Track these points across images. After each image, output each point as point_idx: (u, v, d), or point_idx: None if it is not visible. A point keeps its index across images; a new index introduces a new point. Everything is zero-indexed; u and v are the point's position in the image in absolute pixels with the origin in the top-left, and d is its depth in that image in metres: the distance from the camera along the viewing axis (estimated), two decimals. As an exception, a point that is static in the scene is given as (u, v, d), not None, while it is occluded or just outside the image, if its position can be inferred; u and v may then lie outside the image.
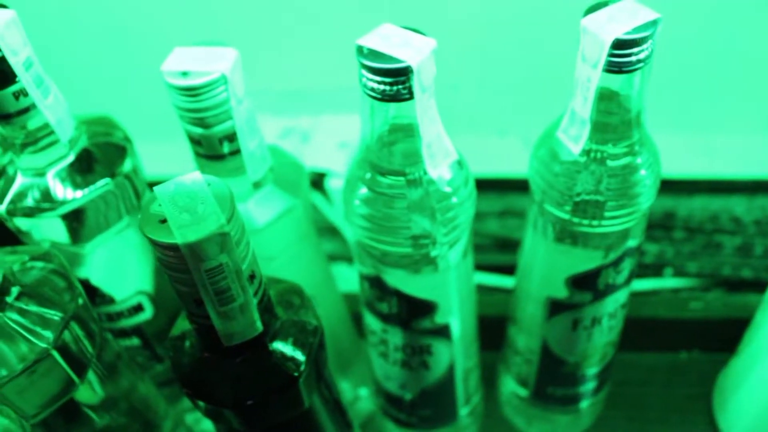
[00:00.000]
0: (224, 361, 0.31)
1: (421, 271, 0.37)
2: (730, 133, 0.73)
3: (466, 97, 0.68)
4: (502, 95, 0.69)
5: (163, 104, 0.54)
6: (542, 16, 0.65)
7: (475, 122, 0.71)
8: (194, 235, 0.26)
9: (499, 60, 0.67)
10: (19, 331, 0.32)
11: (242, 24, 0.67)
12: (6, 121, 0.36)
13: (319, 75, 0.67)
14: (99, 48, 0.70)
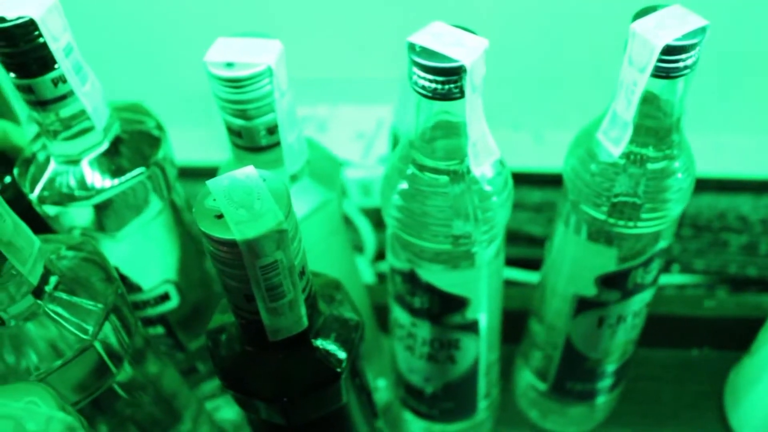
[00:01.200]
0: (267, 355, 0.32)
1: (457, 267, 0.37)
2: (737, 133, 0.74)
3: (496, 88, 0.68)
4: (517, 89, 0.69)
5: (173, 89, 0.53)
6: (559, 11, 0.66)
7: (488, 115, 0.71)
8: (252, 231, 0.26)
9: (516, 54, 0.67)
10: (61, 323, 0.32)
11: (260, 10, 0.66)
12: (43, 107, 0.36)
13: (338, 64, 0.66)
14: (107, 33, 0.69)
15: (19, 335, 0.31)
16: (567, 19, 0.66)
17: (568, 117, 0.73)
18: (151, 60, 0.70)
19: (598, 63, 0.68)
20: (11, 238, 0.29)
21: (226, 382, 0.32)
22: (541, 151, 0.70)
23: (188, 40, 0.70)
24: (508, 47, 0.67)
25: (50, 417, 0.23)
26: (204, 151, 0.64)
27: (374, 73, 0.66)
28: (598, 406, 0.50)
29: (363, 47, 0.66)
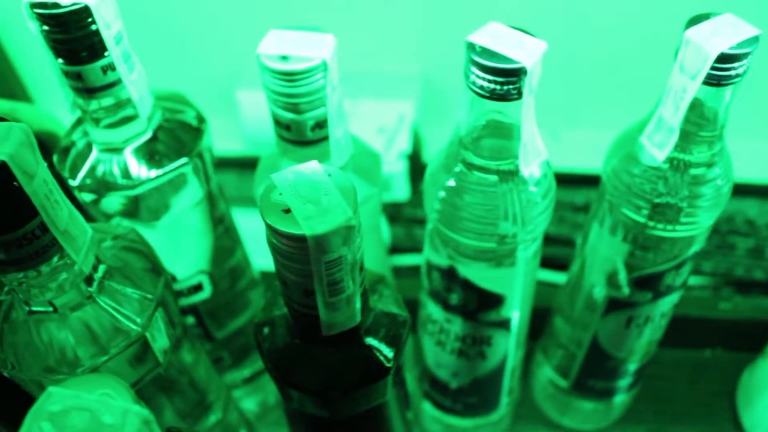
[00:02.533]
0: (318, 349, 0.32)
1: (499, 266, 0.38)
2: (744, 138, 0.76)
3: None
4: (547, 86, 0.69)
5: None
6: (577, 10, 0.66)
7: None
8: (322, 227, 0.26)
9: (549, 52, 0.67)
10: (112, 313, 0.32)
11: (281, 2, 0.66)
12: (90, 94, 0.35)
13: (360, 58, 0.66)
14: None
15: (70, 324, 0.31)
16: (585, 18, 0.66)
17: (585, 115, 0.74)
18: (166, 49, 0.70)
19: (616, 62, 0.69)
20: (67, 227, 0.29)
21: (275, 374, 0.33)
22: (557, 149, 0.70)
23: (208, 29, 0.69)
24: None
25: (126, 410, 0.23)
26: (224, 142, 0.64)
27: (396, 68, 0.67)
28: (616, 404, 0.50)
29: (385, 41, 0.66)
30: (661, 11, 0.63)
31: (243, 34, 0.70)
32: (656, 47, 0.65)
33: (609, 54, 0.68)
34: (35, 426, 0.22)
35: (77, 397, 0.23)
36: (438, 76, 0.68)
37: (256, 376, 0.53)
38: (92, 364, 0.31)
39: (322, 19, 0.68)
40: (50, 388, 0.23)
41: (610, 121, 0.69)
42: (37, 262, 0.29)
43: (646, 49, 0.65)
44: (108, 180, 0.37)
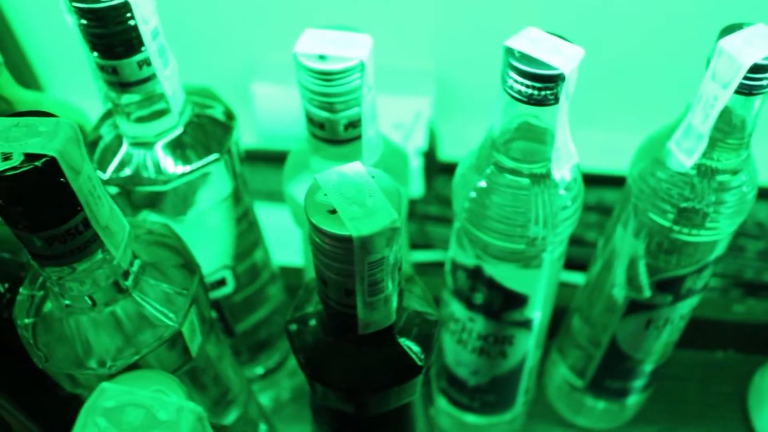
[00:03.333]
0: (352, 347, 0.32)
1: (526, 267, 0.38)
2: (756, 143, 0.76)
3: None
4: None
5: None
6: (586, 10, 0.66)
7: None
8: (368, 228, 0.26)
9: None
10: (147, 308, 0.32)
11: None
12: (124, 88, 0.35)
13: (375, 54, 0.66)
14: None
15: (106, 320, 0.31)
16: (602, 20, 0.67)
17: (595, 117, 0.75)
18: (180, 41, 0.69)
19: (621, 64, 0.69)
20: (108, 222, 0.29)
21: (308, 370, 0.33)
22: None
23: (223, 21, 0.69)
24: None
25: (181, 406, 0.23)
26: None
27: (413, 64, 0.67)
28: (630, 404, 0.51)
29: (401, 37, 0.66)
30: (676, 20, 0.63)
31: (258, 27, 0.70)
32: (668, 53, 0.65)
33: (616, 55, 0.68)
34: (90, 422, 0.23)
35: (131, 393, 0.23)
36: (453, 73, 0.69)
37: (270, 372, 0.53)
38: (128, 360, 0.31)
39: (338, 14, 0.69)
40: (103, 384, 0.23)
41: (622, 122, 0.70)
42: (79, 257, 0.29)
43: (658, 54, 0.66)
44: (141, 175, 0.37)
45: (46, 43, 0.71)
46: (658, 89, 0.68)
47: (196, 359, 0.35)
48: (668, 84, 0.66)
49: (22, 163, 0.25)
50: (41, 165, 0.25)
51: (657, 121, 0.55)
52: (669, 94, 0.66)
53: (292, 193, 0.39)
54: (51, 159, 0.25)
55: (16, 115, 0.27)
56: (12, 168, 0.25)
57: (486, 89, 0.71)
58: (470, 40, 0.66)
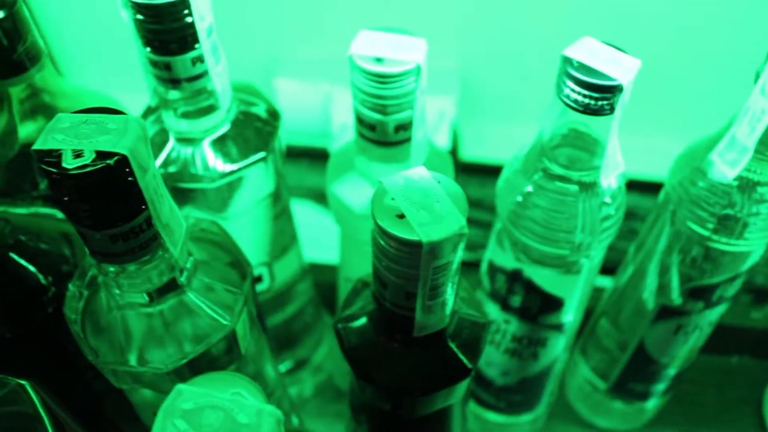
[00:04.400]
0: (403, 348, 0.32)
1: (568, 272, 0.39)
2: None
3: (535, 88, 0.69)
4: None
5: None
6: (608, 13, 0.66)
7: (532, 112, 0.72)
8: (437, 234, 0.26)
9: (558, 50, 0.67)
10: (202, 307, 0.32)
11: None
12: (175, 85, 0.35)
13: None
14: None
15: (160, 317, 0.31)
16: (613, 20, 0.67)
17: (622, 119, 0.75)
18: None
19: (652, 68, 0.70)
20: (168, 221, 0.29)
21: (358, 370, 0.33)
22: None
23: (247, 15, 0.68)
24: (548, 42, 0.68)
25: (260, 410, 0.23)
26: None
27: (437, 63, 0.67)
28: (650, 407, 0.52)
29: (426, 35, 0.66)
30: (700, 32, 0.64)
31: (282, 23, 0.69)
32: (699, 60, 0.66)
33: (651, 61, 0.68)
34: (169, 423, 0.23)
35: (209, 395, 0.23)
36: (475, 73, 0.69)
37: (295, 369, 0.53)
38: (181, 359, 0.31)
39: (361, 12, 0.68)
40: (179, 386, 0.24)
41: (647, 126, 0.71)
42: (140, 255, 0.29)
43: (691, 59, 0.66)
44: (189, 171, 0.37)
45: (65, 30, 0.70)
46: (689, 94, 0.68)
47: (244, 356, 0.35)
48: (700, 89, 0.67)
49: (94, 161, 0.25)
50: (113, 163, 0.25)
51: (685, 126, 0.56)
52: (700, 99, 0.67)
53: (337, 192, 0.40)
54: (122, 157, 0.25)
55: (84, 112, 0.27)
56: (83, 166, 0.25)
57: (508, 89, 0.72)
58: (494, 39, 0.66)
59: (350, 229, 0.42)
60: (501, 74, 0.68)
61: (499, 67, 0.68)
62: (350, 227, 0.41)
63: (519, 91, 0.69)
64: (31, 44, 0.38)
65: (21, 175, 0.41)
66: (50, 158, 0.25)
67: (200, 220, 0.35)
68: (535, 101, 0.71)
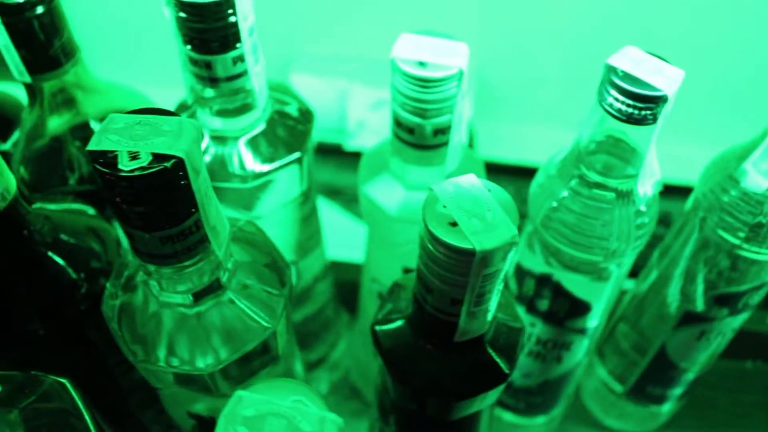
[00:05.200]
0: (442, 353, 0.33)
1: (597, 278, 0.39)
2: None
3: (552, 90, 0.69)
4: (582, 90, 0.70)
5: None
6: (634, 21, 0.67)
7: (556, 115, 0.72)
8: (490, 243, 0.27)
9: (588, 58, 0.68)
10: (244, 309, 0.32)
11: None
12: (214, 83, 0.35)
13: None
14: None
15: (201, 320, 0.31)
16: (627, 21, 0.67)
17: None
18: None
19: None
20: (215, 223, 0.29)
21: (395, 372, 0.33)
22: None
23: (264, 10, 0.68)
24: (571, 45, 0.68)
25: (323, 417, 0.23)
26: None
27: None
28: (665, 411, 0.52)
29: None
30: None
31: (299, 17, 0.69)
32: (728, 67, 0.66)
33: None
34: (231, 429, 0.23)
35: (270, 402, 0.23)
36: (492, 74, 0.69)
37: (312, 367, 0.53)
38: (223, 361, 0.31)
39: (380, 10, 0.68)
40: (239, 393, 0.24)
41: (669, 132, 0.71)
42: (187, 257, 0.29)
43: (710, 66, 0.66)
44: (226, 170, 0.37)
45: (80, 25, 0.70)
46: (717, 101, 0.68)
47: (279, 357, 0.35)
48: (728, 96, 0.67)
49: (151, 163, 0.25)
50: (170, 166, 0.25)
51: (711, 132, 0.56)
52: (726, 106, 0.68)
53: (369, 193, 0.39)
54: (178, 160, 0.25)
55: (136, 113, 0.27)
56: (140, 168, 0.25)
57: (525, 90, 0.72)
58: (511, 40, 0.66)
59: (380, 230, 0.42)
60: (517, 75, 0.68)
61: (516, 68, 0.68)
62: (381, 228, 0.41)
63: (535, 92, 0.69)
64: (67, 40, 0.37)
65: (50, 170, 0.41)
66: (105, 159, 0.25)
67: (236, 219, 0.35)
68: (550, 102, 0.72)
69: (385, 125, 0.66)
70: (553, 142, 0.69)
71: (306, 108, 0.40)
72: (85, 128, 0.41)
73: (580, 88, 0.72)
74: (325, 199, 0.66)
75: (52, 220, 0.35)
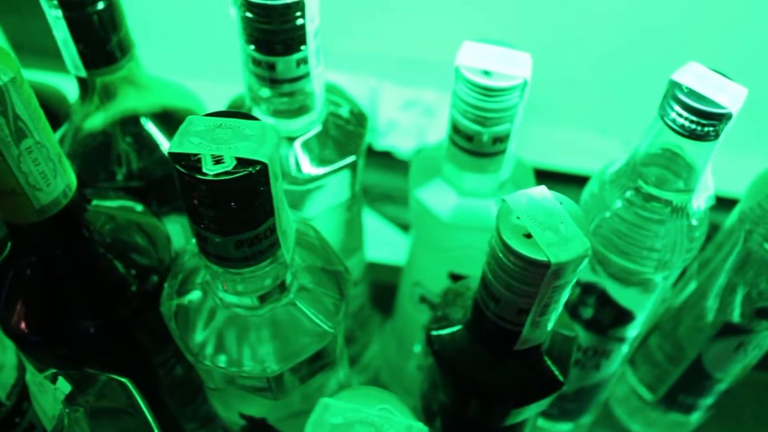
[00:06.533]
0: (498, 360, 0.33)
1: (644, 289, 0.39)
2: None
3: (584, 94, 0.69)
4: (609, 94, 0.70)
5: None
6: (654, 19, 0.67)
7: (585, 119, 0.72)
8: (565, 255, 0.27)
9: (611, 58, 0.68)
10: (307, 313, 0.32)
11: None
12: (275, 84, 0.35)
13: (448, 48, 0.66)
14: None
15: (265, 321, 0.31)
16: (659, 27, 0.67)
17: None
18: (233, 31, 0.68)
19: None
20: (286, 227, 0.29)
21: (451, 377, 0.33)
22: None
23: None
24: (603, 50, 0.68)
25: (410, 426, 0.23)
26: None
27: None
28: (694, 419, 0.53)
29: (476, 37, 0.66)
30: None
31: (330, 14, 0.68)
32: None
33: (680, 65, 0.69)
34: (319, 436, 0.23)
35: (357, 410, 0.23)
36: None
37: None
38: (287, 364, 0.31)
39: (412, 9, 0.68)
40: (326, 400, 0.24)
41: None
42: (258, 261, 0.29)
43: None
44: (284, 171, 0.37)
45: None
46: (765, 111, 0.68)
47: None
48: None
49: (235, 167, 0.25)
50: (255, 171, 0.25)
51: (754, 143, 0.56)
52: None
53: (421, 198, 0.40)
54: (263, 165, 0.25)
55: (215, 115, 0.27)
56: (225, 173, 0.25)
57: (558, 95, 0.72)
58: (545, 44, 0.66)
59: (429, 235, 0.42)
60: (551, 79, 0.69)
61: (549, 73, 0.68)
62: (429, 233, 0.41)
63: (569, 97, 0.69)
64: (124, 35, 0.37)
65: (98, 165, 0.41)
66: (188, 162, 0.25)
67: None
68: (584, 107, 0.72)
69: (415, 126, 0.66)
70: (581, 147, 0.70)
71: (359, 110, 0.40)
72: (136, 123, 0.41)
73: (600, 91, 0.72)
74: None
75: (112, 218, 0.35)
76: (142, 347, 0.39)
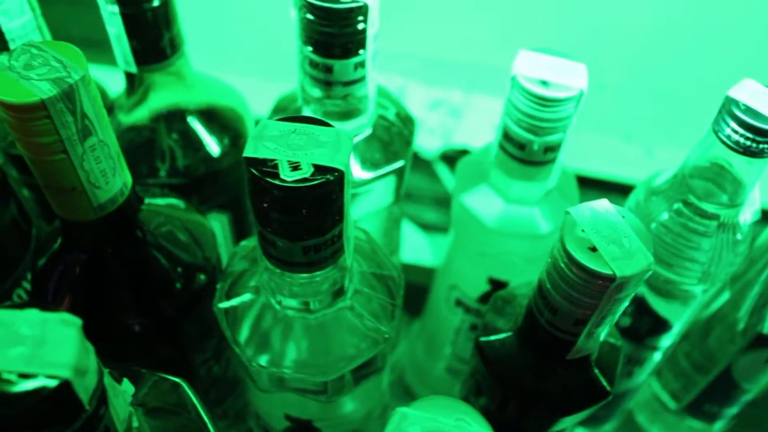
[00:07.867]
0: (549, 368, 0.33)
1: (685, 299, 0.40)
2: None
3: (612, 97, 0.70)
4: (632, 100, 0.71)
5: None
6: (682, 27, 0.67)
7: (601, 124, 0.72)
8: (629, 269, 0.27)
9: (651, 67, 0.68)
10: (364, 318, 0.32)
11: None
12: (329, 87, 0.35)
13: (476, 49, 0.66)
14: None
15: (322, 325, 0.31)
16: (685, 35, 0.68)
17: (679, 133, 0.76)
18: (245, 33, 0.68)
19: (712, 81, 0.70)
20: (350, 233, 0.30)
21: (501, 383, 0.34)
22: (650, 165, 0.72)
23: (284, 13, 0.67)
24: (629, 58, 0.68)
25: (485, 436, 0.23)
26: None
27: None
28: (717, 428, 0.54)
29: (500, 38, 0.66)
30: None
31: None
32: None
33: (707, 72, 0.69)
34: (398, 445, 0.23)
35: (435, 420, 0.24)
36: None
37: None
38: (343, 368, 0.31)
39: (438, 9, 0.68)
40: (402, 410, 0.24)
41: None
42: (323, 266, 0.29)
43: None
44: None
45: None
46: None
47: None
48: None
49: (313, 174, 0.25)
50: (333, 179, 0.25)
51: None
52: None
53: (466, 203, 0.40)
54: (340, 173, 0.25)
55: (289, 120, 0.27)
56: (303, 179, 0.25)
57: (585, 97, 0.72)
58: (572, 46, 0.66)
59: (471, 240, 0.42)
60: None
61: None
62: (472, 237, 0.41)
63: (595, 100, 0.69)
64: (176, 32, 0.37)
65: (142, 161, 0.41)
66: (265, 167, 0.25)
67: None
68: (609, 110, 0.72)
69: (440, 126, 0.66)
70: (603, 151, 0.70)
71: (406, 114, 0.40)
72: (182, 120, 0.41)
73: (623, 98, 0.73)
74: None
75: (164, 218, 0.35)
76: (185, 346, 0.39)
